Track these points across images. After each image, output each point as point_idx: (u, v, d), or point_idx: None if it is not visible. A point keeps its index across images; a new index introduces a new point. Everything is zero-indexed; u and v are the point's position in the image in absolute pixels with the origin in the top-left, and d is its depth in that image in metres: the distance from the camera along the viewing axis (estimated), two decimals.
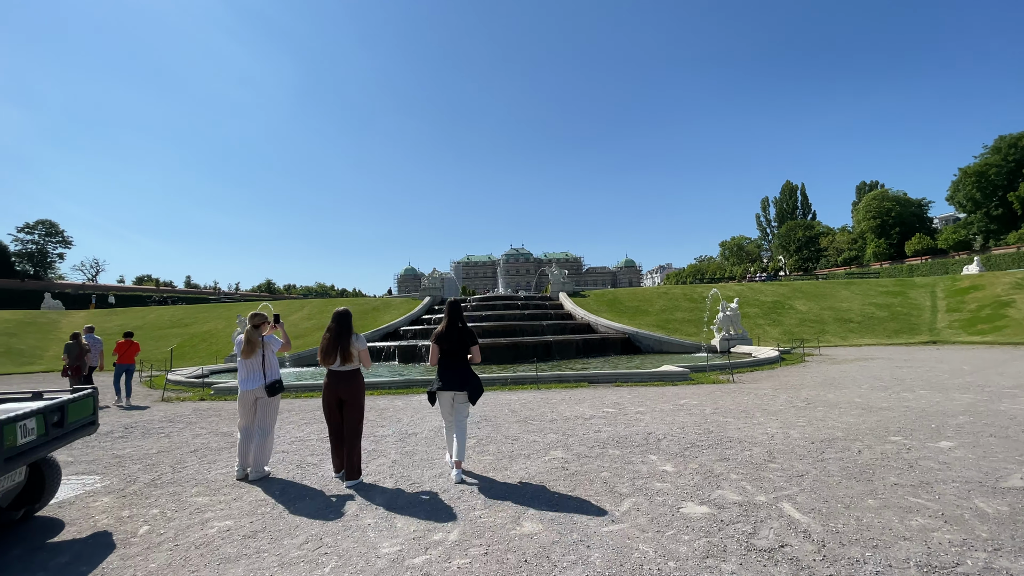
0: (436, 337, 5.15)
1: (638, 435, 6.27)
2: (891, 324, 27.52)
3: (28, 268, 71.90)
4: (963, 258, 55.23)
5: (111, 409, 10.38)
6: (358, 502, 4.28)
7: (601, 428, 6.73)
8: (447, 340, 5.09)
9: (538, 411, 8.26)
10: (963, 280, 34.34)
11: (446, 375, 5.05)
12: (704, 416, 7.40)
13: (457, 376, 5.04)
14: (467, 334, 5.13)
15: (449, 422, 5.16)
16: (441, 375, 5.08)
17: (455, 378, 5.03)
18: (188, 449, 6.52)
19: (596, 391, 10.56)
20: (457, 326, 5.13)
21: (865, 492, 4.16)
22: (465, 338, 5.11)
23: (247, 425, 5.14)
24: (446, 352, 5.09)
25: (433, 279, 33.39)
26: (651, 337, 22.92)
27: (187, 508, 4.29)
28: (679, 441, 5.92)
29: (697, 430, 6.48)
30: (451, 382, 5.03)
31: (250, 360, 5.08)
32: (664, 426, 6.76)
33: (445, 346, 5.08)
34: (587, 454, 5.48)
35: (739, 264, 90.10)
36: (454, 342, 5.07)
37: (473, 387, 5.07)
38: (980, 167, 58.56)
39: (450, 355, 5.09)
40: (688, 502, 4.00)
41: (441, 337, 5.12)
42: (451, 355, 5.09)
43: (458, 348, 5.08)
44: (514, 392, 10.81)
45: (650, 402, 8.84)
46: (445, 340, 5.09)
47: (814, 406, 8.01)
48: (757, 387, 10.51)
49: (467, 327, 5.21)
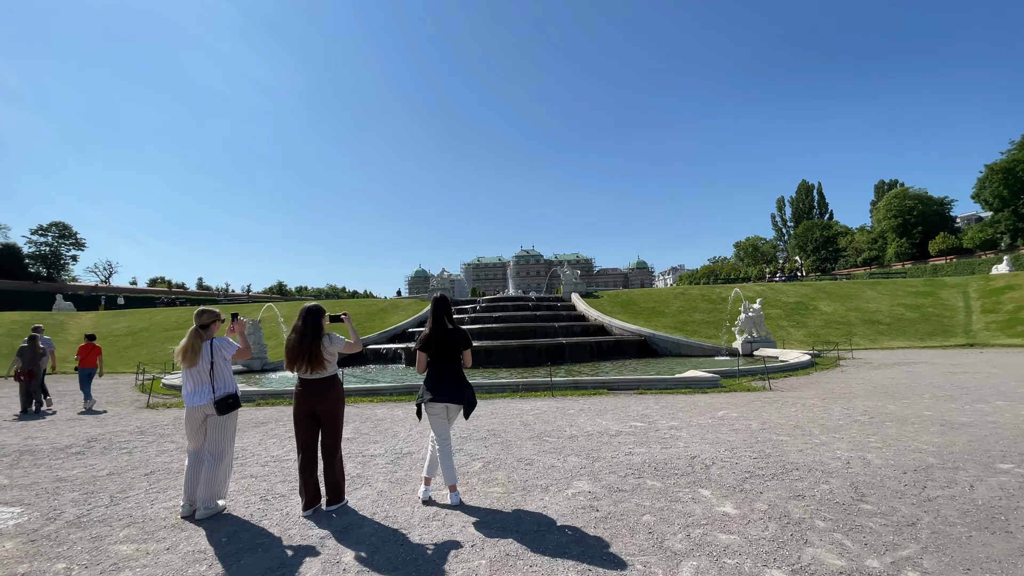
0: (423, 342, 4.26)
1: (679, 459, 5.14)
2: (923, 326, 26.00)
3: (42, 270, 72.40)
4: (991, 258, 53.05)
5: (85, 419, 9.47)
6: (323, 559, 3.22)
7: (632, 449, 5.61)
8: (436, 344, 4.26)
9: (555, 424, 7.18)
10: (997, 280, 32.65)
11: (437, 384, 4.21)
12: (752, 433, 6.25)
13: (451, 385, 4.21)
14: (459, 335, 4.30)
15: (444, 439, 4.25)
16: (431, 384, 4.24)
17: (448, 387, 4.20)
18: (144, 470, 5.53)
19: (618, 399, 9.44)
20: (446, 327, 4.30)
21: (1013, 550, 3.03)
22: (457, 340, 4.29)
23: (196, 449, 4.12)
24: (436, 358, 4.28)
25: (442, 280, 32.52)
26: (668, 339, 21.74)
27: (102, 563, 3.27)
28: (733, 468, 4.79)
29: (750, 452, 5.34)
30: (444, 392, 4.18)
31: (195, 370, 4.05)
32: (708, 446, 5.62)
33: (434, 351, 4.26)
34: (620, 486, 4.38)
35: (754, 265, 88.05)
36: (444, 345, 4.25)
37: (469, 398, 4.24)
38: (1008, 163, 56.28)
39: (441, 360, 4.28)
40: (773, 570, 2.89)
41: (429, 342, 4.27)
42: (442, 360, 4.28)
43: (450, 352, 4.26)
44: (526, 400, 9.73)
45: (683, 414, 7.70)
46: (433, 345, 4.26)
47: (880, 421, 6.82)
48: (799, 396, 9.31)
49: (458, 327, 4.36)
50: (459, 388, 4.21)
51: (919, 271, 59.33)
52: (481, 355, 18.25)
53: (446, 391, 4.17)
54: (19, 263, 67.70)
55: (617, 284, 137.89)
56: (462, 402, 4.19)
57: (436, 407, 4.22)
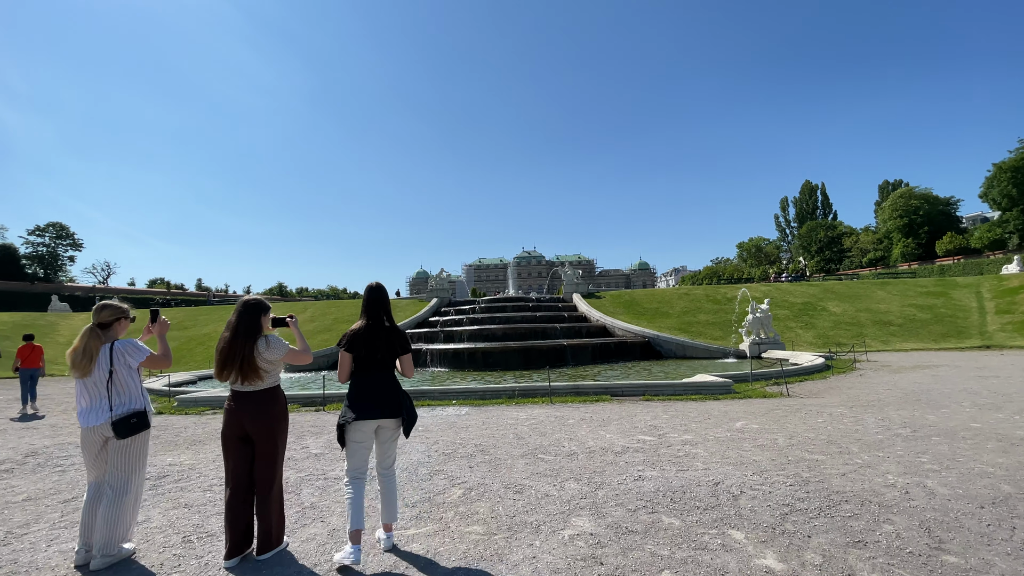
0: (348, 340, 3.32)
1: (700, 486, 4.27)
2: (936, 327, 25.12)
3: (38, 271, 71.72)
4: (999, 258, 52.06)
5: (39, 427, 8.64)
6: None
7: (642, 471, 4.74)
8: (366, 344, 3.32)
9: (552, 438, 6.32)
10: (1011, 279, 31.78)
11: (365, 396, 3.28)
12: (780, 451, 5.38)
13: (382, 397, 3.29)
14: (396, 335, 3.41)
15: (360, 471, 3.27)
16: (356, 396, 3.29)
17: (379, 400, 3.27)
18: (65, 496, 4.68)
19: (622, 407, 8.57)
20: (382, 323, 3.40)
21: None
22: (393, 341, 3.39)
23: (96, 480, 3.27)
24: (364, 363, 3.34)
25: (440, 280, 31.62)
26: (673, 341, 20.89)
27: None
28: (767, 500, 3.92)
29: (783, 476, 4.47)
30: (372, 406, 3.25)
31: (89, 380, 3.19)
32: (731, 468, 4.75)
33: (363, 352, 3.32)
34: (629, 525, 3.51)
35: (757, 266, 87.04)
36: (377, 347, 3.33)
37: (408, 411, 3.36)
38: (1016, 162, 55.37)
39: (370, 366, 3.34)
40: None
41: (356, 340, 3.32)
42: (372, 366, 3.35)
43: (384, 355, 3.35)
44: (522, 407, 8.88)
45: (696, 426, 6.82)
46: (363, 344, 3.32)
47: (925, 435, 5.94)
48: (822, 404, 8.43)
49: (396, 326, 3.47)
50: (393, 401, 3.30)
51: (926, 271, 58.37)
52: (479, 357, 17.46)
53: (376, 404, 3.25)
54: (16, 264, 67.04)
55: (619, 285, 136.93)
56: (399, 414, 3.27)
57: (363, 428, 3.25)
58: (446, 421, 7.78)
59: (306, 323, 27.52)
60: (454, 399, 9.98)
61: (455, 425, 7.41)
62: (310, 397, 10.27)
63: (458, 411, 8.73)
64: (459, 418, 8.02)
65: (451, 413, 8.52)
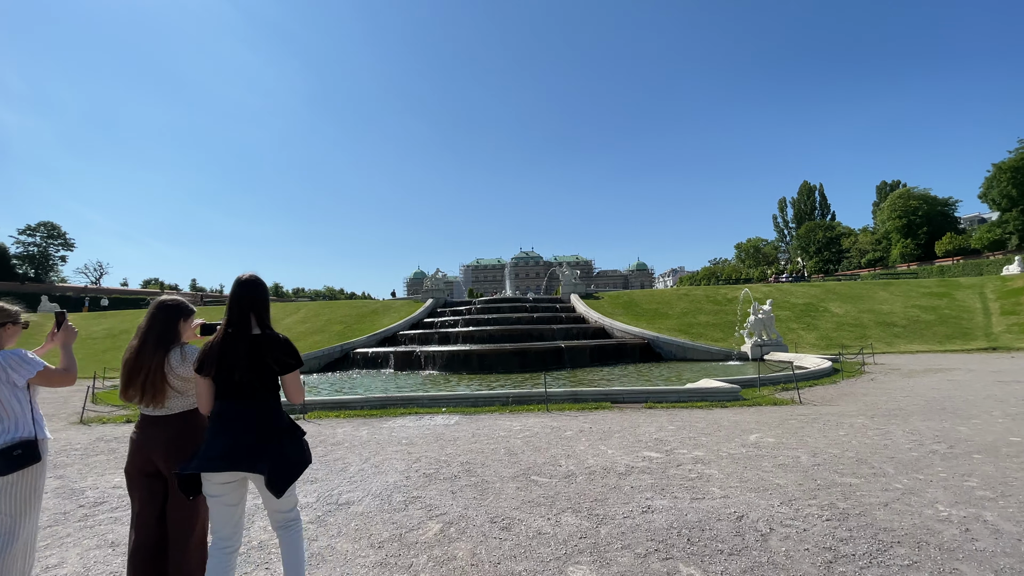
0: (200, 356, 2.39)
1: (720, 521, 3.63)
2: (940, 328, 24.63)
3: (29, 271, 70.75)
4: (999, 258, 51.76)
5: None
6: None
7: (651, 500, 4.09)
8: (219, 362, 2.35)
9: (548, 453, 5.68)
10: (1015, 280, 31.41)
11: (222, 435, 2.30)
12: (805, 472, 4.74)
13: (239, 439, 2.28)
14: (271, 348, 2.39)
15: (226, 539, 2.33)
16: (212, 435, 2.32)
17: (234, 444, 2.26)
18: None
19: (624, 416, 7.94)
20: (247, 332, 2.41)
21: None
22: (265, 356, 2.38)
23: None
24: (226, 388, 2.36)
25: (436, 280, 30.97)
26: (673, 343, 20.32)
27: None
28: (802, 540, 3.28)
29: (816, 508, 3.83)
30: (220, 453, 2.25)
31: None
32: (754, 496, 4.11)
33: (223, 375, 2.35)
34: None
35: (756, 267, 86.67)
36: (235, 366, 2.34)
37: (278, 462, 2.28)
38: (1016, 162, 55.05)
39: (235, 393, 2.36)
40: None
41: (211, 355, 2.36)
42: (238, 393, 2.35)
43: (247, 378, 2.35)
44: (516, 416, 8.24)
45: (706, 439, 6.19)
46: (223, 362, 2.34)
47: (963, 452, 5.31)
48: (839, 413, 7.82)
49: (273, 335, 2.44)
50: (255, 442, 2.27)
51: (926, 272, 58.05)
52: (474, 360, 16.84)
53: (228, 449, 2.25)
54: (6, 263, 66.14)
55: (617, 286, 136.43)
56: (257, 467, 2.23)
57: (218, 480, 2.29)
58: (433, 432, 7.14)
59: (298, 324, 26.87)
60: (444, 406, 9.33)
61: (442, 437, 6.76)
62: (288, 404, 9.59)
63: (447, 420, 8.09)
64: (447, 428, 7.37)
65: (439, 423, 7.87)
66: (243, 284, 2.48)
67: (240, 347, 2.35)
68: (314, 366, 19.38)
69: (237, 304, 2.43)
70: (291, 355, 2.42)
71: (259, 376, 2.37)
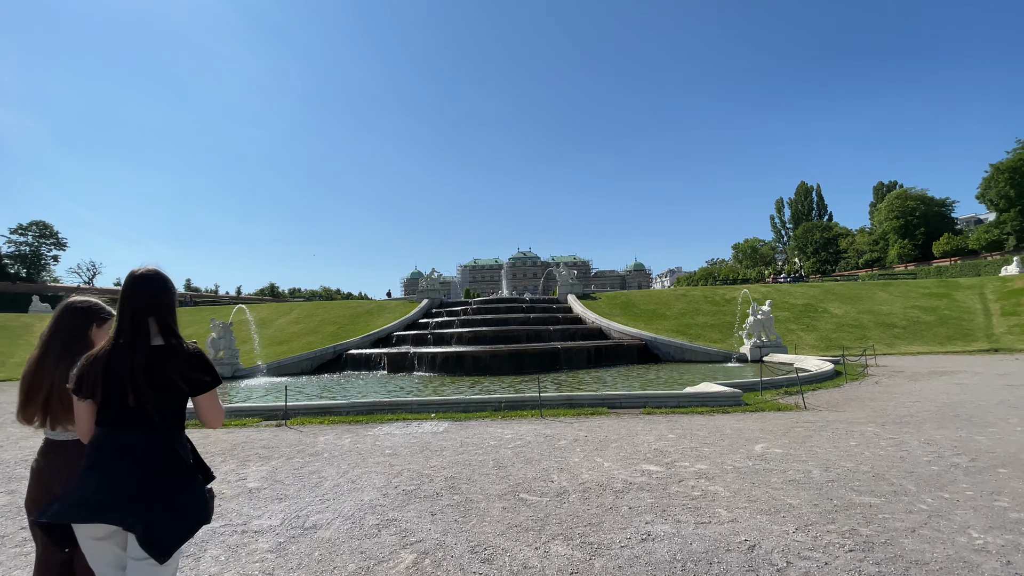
0: (80, 374, 1.85)
1: (729, 551, 3.23)
2: (941, 329, 24.39)
3: (21, 270, 69.98)
4: (997, 259, 51.67)
5: None
6: None
7: (651, 524, 3.69)
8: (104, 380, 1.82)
9: (539, 466, 5.28)
10: (1015, 280, 31.23)
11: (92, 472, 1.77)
12: (819, 489, 4.35)
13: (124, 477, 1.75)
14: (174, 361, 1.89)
15: None
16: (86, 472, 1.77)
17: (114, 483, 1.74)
18: None
19: (621, 422, 7.56)
20: (143, 341, 1.90)
21: None
22: (167, 371, 1.87)
23: None
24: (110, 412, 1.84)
25: (431, 280, 30.55)
26: (671, 344, 19.97)
27: None
28: (823, 575, 2.90)
29: (835, 535, 3.44)
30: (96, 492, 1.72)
31: None
32: (765, 519, 3.72)
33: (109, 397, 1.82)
34: None
35: (753, 267, 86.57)
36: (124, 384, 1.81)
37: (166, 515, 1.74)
38: (1014, 163, 55.02)
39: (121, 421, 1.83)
40: None
41: (93, 371, 1.84)
42: (125, 421, 1.83)
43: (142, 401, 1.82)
44: (509, 423, 7.84)
45: (709, 449, 5.80)
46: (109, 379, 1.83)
47: (987, 465, 4.93)
48: (847, 419, 7.44)
49: (179, 345, 1.94)
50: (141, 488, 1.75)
51: (923, 272, 57.98)
52: (469, 362, 16.45)
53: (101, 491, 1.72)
54: None
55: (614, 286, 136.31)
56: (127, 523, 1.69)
57: (87, 533, 1.77)
58: (420, 441, 6.73)
59: (291, 324, 26.44)
60: (433, 412, 8.92)
61: (428, 447, 6.35)
62: (271, 410, 9.19)
63: (436, 427, 7.68)
64: (435, 437, 6.97)
65: (427, 430, 7.47)
66: (137, 280, 1.96)
67: (136, 361, 1.84)
68: (306, 368, 18.99)
69: (129, 306, 1.91)
70: (205, 371, 1.93)
71: (162, 398, 1.86)
